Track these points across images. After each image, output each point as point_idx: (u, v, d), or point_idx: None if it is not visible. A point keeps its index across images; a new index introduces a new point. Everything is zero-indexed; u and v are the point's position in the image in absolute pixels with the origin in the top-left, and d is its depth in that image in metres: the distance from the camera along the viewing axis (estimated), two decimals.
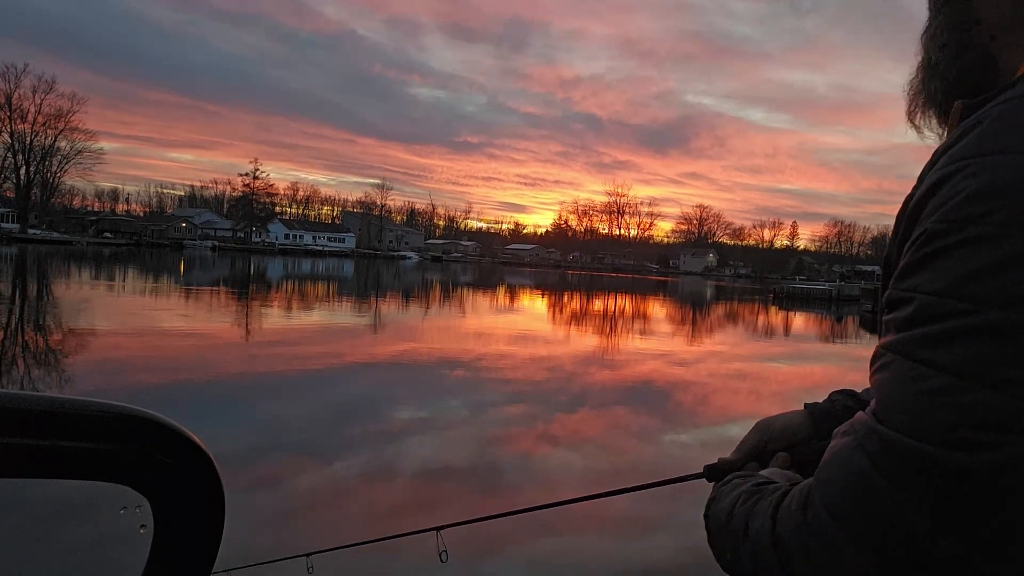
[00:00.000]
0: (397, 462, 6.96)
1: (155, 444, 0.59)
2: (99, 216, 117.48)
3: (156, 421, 0.59)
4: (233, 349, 13.82)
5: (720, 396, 12.13)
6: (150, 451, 0.58)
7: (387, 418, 8.85)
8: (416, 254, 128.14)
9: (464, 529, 1.39)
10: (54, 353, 11.80)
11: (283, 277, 45.15)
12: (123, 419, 0.58)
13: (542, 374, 12.84)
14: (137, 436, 0.58)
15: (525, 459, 7.37)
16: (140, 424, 0.58)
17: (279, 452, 6.97)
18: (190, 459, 0.60)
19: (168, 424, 0.60)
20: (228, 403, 9.10)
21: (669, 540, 5.47)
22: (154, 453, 0.58)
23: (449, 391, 10.81)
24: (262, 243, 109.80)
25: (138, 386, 9.41)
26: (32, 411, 0.54)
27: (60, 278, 31.23)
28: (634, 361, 16.24)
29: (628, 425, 9.36)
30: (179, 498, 0.60)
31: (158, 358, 11.83)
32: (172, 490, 0.59)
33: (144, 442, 0.58)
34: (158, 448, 0.59)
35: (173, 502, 0.60)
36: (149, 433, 0.59)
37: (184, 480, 0.60)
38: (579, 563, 5.01)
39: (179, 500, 0.60)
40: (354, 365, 12.83)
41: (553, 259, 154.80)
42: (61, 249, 64.66)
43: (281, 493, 5.85)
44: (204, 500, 0.61)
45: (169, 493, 0.59)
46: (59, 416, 0.55)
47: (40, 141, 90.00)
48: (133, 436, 0.58)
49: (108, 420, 0.57)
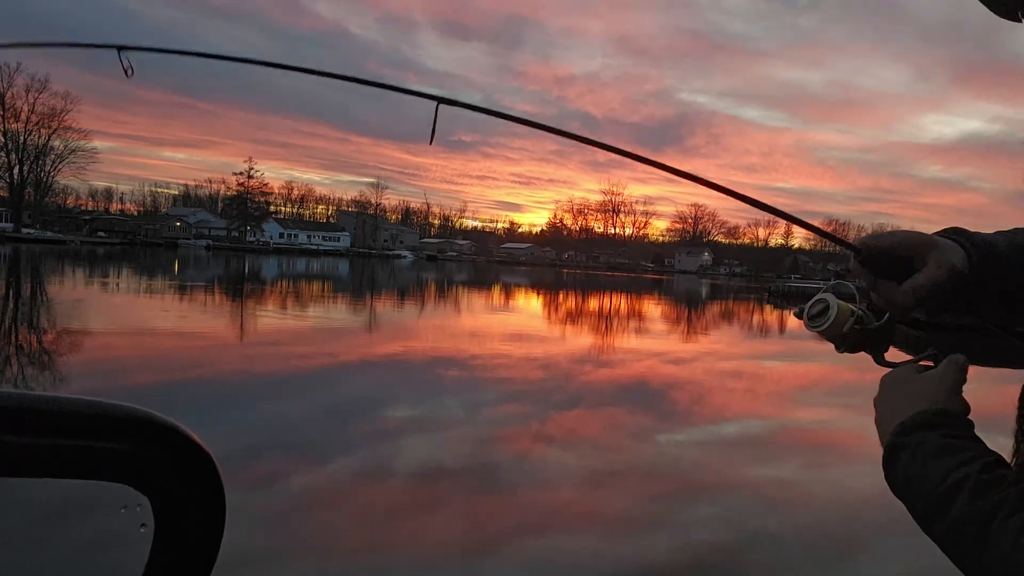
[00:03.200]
0: (395, 455, 6.96)
1: (156, 443, 0.59)
2: (93, 215, 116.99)
3: (156, 420, 0.59)
4: (227, 349, 13.79)
5: (714, 395, 12.16)
6: (151, 450, 0.59)
7: (384, 415, 8.85)
8: (411, 253, 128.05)
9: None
10: (48, 352, 11.77)
11: (278, 276, 45.10)
12: (123, 418, 0.58)
13: (538, 373, 12.85)
14: (138, 435, 0.58)
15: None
16: (140, 423, 0.59)
17: (274, 449, 6.97)
18: (191, 458, 0.60)
19: (168, 423, 0.60)
20: (221, 402, 9.08)
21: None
22: (155, 452, 0.59)
23: (446, 389, 10.81)
24: (257, 242, 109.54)
25: (133, 386, 9.38)
26: (33, 410, 0.54)
27: (54, 277, 31.14)
28: (629, 360, 16.26)
29: (623, 420, 9.37)
30: (180, 497, 0.60)
31: (152, 357, 11.80)
32: (173, 489, 0.60)
33: (145, 441, 0.58)
34: (159, 447, 0.59)
35: (174, 501, 0.60)
36: (149, 432, 0.59)
37: (185, 479, 0.60)
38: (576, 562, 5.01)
39: (180, 499, 0.60)
40: (350, 364, 12.82)
41: (548, 258, 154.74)
42: (55, 248, 64.42)
43: (275, 487, 5.85)
44: (205, 499, 0.61)
45: (170, 492, 0.59)
46: (60, 415, 0.55)
47: (34, 140, 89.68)
48: (134, 435, 0.58)
49: (108, 419, 0.57)
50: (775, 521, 5.93)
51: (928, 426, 0.80)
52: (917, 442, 0.79)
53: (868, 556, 5.39)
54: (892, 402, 0.89)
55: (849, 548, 5.56)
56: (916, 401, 0.85)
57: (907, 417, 0.82)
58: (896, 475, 0.81)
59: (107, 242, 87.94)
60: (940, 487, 0.73)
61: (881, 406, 0.90)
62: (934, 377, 0.88)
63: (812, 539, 5.70)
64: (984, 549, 0.67)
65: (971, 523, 0.69)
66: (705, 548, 5.34)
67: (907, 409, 0.84)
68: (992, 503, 0.69)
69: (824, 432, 9.91)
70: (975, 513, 0.69)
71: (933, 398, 0.84)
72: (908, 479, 0.78)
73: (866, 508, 6.18)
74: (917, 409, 0.83)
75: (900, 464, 0.80)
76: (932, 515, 0.74)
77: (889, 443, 0.83)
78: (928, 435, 0.79)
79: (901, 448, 0.80)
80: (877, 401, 0.92)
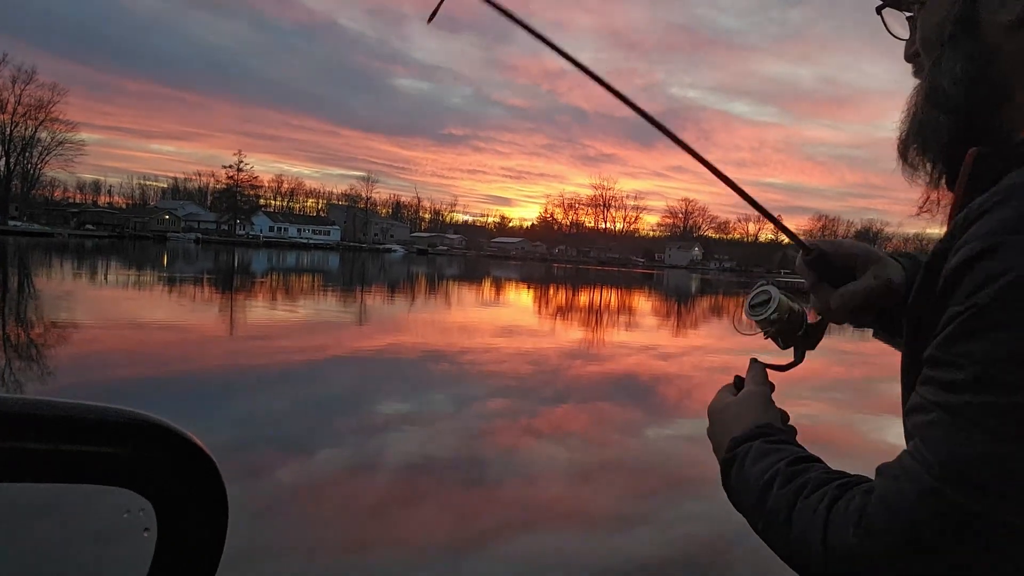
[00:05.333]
0: (381, 450, 6.97)
1: (157, 447, 0.59)
2: (81, 208, 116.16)
3: (158, 424, 0.59)
4: (214, 343, 13.75)
5: (703, 390, 12.22)
6: (152, 454, 0.59)
7: (371, 409, 8.86)
8: (402, 247, 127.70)
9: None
10: (33, 347, 11.70)
11: (268, 270, 44.90)
12: (125, 423, 0.58)
13: (527, 367, 12.88)
14: (139, 440, 0.58)
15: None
16: (142, 428, 0.59)
17: (257, 444, 6.96)
18: (192, 462, 0.60)
19: (170, 427, 0.60)
20: (207, 398, 9.06)
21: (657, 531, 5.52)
22: (156, 456, 0.59)
23: (435, 383, 10.81)
24: (246, 235, 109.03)
25: (116, 380, 9.36)
26: (34, 415, 0.54)
27: (41, 270, 30.91)
28: (619, 354, 16.31)
29: (611, 414, 9.41)
30: (182, 501, 0.60)
31: (137, 352, 11.76)
32: (175, 493, 0.60)
33: (146, 445, 0.59)
34: (160, 451, 0.59)
35: (176, 505, 0.60)
36: (151, 436, 0.59)
37: (187, 483, 0.60)
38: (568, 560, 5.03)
39: (182, 503, 0.60)
40: (340, 358, 12.79)
41: (539, 252, 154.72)
42: (42, 241, 63.97)
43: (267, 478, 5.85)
44: (207, 503, 0.62)
45: (172, 496, 0.60)
46: (61, 420, 0.55)
47: (20, 132, 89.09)
48: (135, 440, 0.58)
49: (110, 424, 0.57)
50: None
51: (750, 438, 0.88)
52: (744, 453, 0.86)
53: None
54: (722, 426, 0.95)
55: None
56: (740, 422, 0.92)
57: (737, 434, 0.90)
58: (730, 487, 0.87)
59: (95, 235, 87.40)
60: (758, 484, 0.80)
61: (714, 434, 0.97)
62: (746, 397, 0.97)
63: None
64: (789, 530, 0.73)
65: (780, 509, 0.75)
66: (693, 543, 5.38)
67: (735, 430, 0.91)
68: (795, 487, 0.75)
69: (810, 428, 9.98)
70: (780, 499, 0.75)
71: (754, 415, 0.93)
72: (736, 486, 0.85)
73: None
74: (743, 428, 0.90)
75: (732, 475, 0.87)
76: (755, 512, 0.79)
77: (723, 460, 0.90)
78: (751, 444, 0.87)
79: (731, 462, 0.88)
80: (710, 432, 0.98)
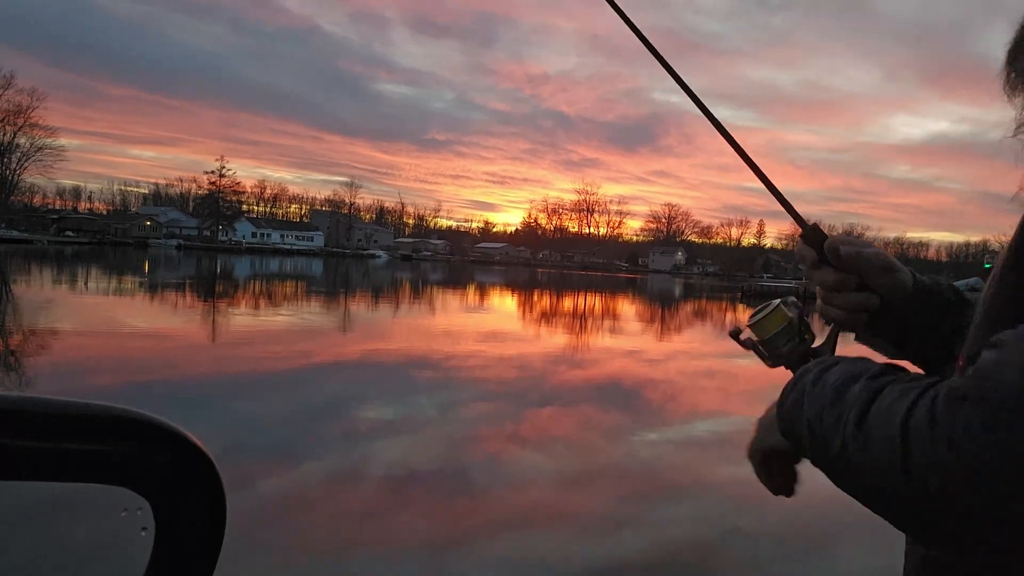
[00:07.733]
0: (366, 456, 6.94)
1: (155, 446, 0.59)
2: (61, 214, 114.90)
3: (155, 423, 0.59)
4: (199, 350, 13.62)
5: (687, 394, 12.27)
6: (150, 453, 0.59)
7: (354, 415, 8.82)
8: (386, 253, 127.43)
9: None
10: (14, 353, 11.55)
11: (250, 276, 44.64)
12: (123, 421, 0.58)
13: (511, 372, 12.88)
14: (137, 438, 0.58)
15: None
16: (140, 426, 0.59)
17: (241, 450, 6.91)
18: (190, 461, 0.60)
19: (167, 426, 0.60)
20: (192, 405, 8.98)
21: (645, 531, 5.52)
22: (154, 455, 0.59)
23: (419, 389, 10.77)
24: (229, 241, 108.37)
25: (100, 385, 9.26)
26: (32, 413, 0.54)
27: (20, 277, 30.54)
28: (603, 359, 16.35)
29: (596, 418, 9.43)
30: (180, 500, 0.60)
31: (120, 357, 11.64)
32: (173, 492, 0.60)
33: (144, 444, 0.59)
34: (158, 450, 0.59)
35: (174, 504, 0.60)
36: (149, 435, 0.59)
37: (185, 482, 0.60)
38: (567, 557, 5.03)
39: (180, 502, 0.60)
40: (324, 364, 12.73)
41: (523, 257, 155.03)
42: (21, 248, 63.17)
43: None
44: (205, 502, 0.62)
45: (170, 495, 0.60)
46: (59, 418, 0.55)
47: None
48: (133, 438, 0.58)
49: (108, 422, 0.57)
50: (748, 518, 5.99)
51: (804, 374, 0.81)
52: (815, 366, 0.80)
53: (842, 551, 5.47)
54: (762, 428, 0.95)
55: (822, 543, 5.64)
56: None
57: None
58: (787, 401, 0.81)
59: (75, 241, 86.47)
60: (836, 383, 0.73)
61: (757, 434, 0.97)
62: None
63: (785, 535, 5.76)
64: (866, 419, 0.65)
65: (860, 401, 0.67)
66: (679, 545, 5.39)
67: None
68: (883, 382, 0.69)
69: None
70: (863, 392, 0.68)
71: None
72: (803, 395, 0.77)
73: (839, 505, 6.26)
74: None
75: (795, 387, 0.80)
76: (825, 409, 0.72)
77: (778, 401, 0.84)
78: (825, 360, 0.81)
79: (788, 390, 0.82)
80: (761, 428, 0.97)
